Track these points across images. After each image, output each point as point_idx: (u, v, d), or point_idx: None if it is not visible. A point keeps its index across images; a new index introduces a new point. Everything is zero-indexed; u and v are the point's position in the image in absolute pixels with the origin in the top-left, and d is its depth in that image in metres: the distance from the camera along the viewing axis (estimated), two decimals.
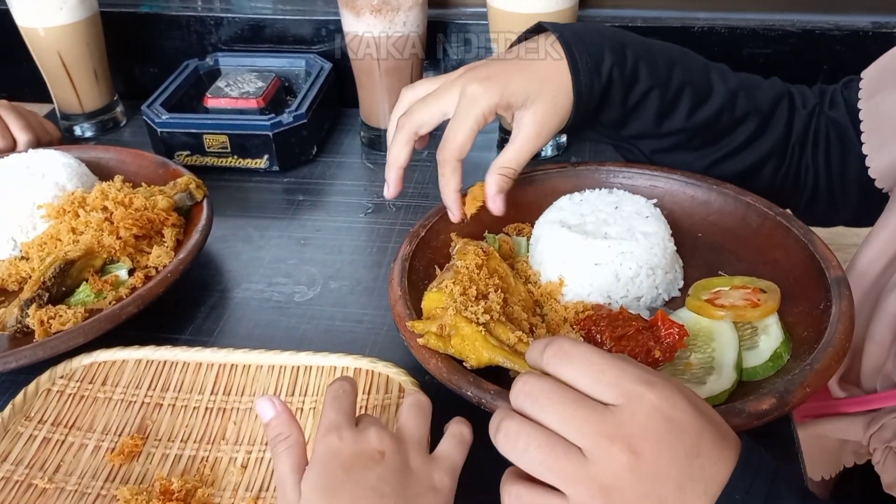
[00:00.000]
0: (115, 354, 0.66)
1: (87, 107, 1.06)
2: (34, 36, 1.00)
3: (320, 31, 1.09)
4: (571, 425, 0.42)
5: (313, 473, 0.48)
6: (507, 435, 0.44)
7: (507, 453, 0.44)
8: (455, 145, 0.69)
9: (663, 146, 0.77)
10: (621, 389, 0.43)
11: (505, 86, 0.68)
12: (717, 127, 0.76)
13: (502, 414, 0.45)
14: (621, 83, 0.71)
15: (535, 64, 0.70)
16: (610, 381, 0.43)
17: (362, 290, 0.79)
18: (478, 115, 0.68)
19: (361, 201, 0.93)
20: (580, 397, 0.43)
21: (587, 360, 0.44)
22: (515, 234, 0.78)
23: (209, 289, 0.79)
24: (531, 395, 0.44)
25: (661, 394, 0.42)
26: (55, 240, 0.76)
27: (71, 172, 0.83)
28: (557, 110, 0.69)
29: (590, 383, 0.44)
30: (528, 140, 0.69)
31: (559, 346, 0.45)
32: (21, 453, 0.59)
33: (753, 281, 0.68)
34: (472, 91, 0.68)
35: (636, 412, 0.42)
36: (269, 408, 0.52)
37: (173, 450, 0.60)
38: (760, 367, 0.61)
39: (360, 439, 0.49)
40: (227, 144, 0.95)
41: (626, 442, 0.41)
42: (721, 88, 0.75)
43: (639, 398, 0.42)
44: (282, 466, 0.49)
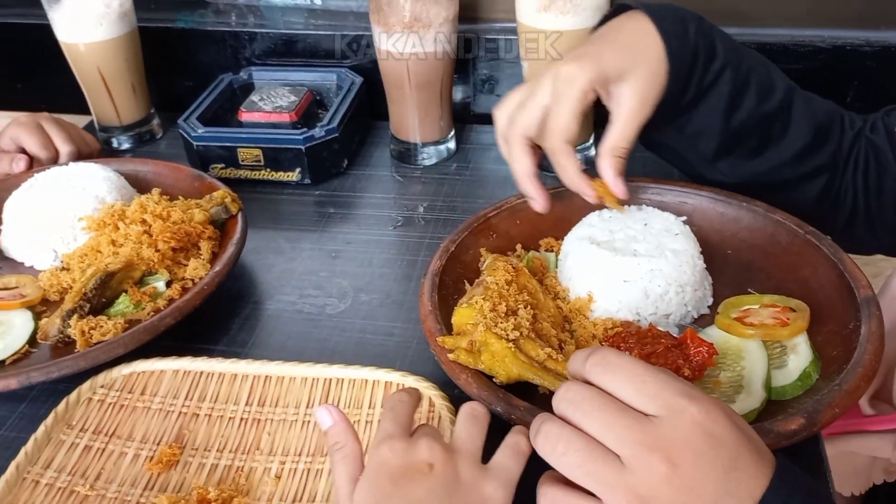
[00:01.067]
0: (154, 365, 0.68)
1: (125, 119, 1.09)
2: (74, 51, 1.03)
3: (352, 45, 1.11)
4: (612, 432, 0.43)
5: (364, 486, 0.48)
6: (547, 437, 0.45)
7: (545, 456, 0.45)
8: (559, 129, 0.68)
9: (727, 144, 0.75)
10: (663, 402, 0.43)
11: (599, 61, 0.67)
12: (778, 125, 0.74)
13: (543, 417, 0.46)
14: (704, 53, 0.69)
15: (625, 36, 0.69)
16: (652, 392, 0.44)
17: (392, 303, 0.80)
18: (577, 94, 0.66)
19: (391, 214, 0.94)
20: (622, 406, 0.44)
21: (630, 371, 0.45)
22: (544, 249, 0.79)
23: (243, 300, 0.81)
24: (573, 402, 0.45)
25: (703, 408, 0.43)
26: (95, 251, 0.78)
27: (110, 185, 0.85)
28: (654, 80, 0.68)
29: (632, 394, 0.44)
30: (633, 114, 0.68)
31: (602, 355, 0.46)
32: (63, 460, 0.61)
33: (783, 299, 0.68)
34: (567, 72, 0.67)
35: (677, 425, 0.43)
36: (327, 416, 0.52)
37: (210, 459, 0.61)
38: (789, 386, 0.61)
39: (411, 451, 0.48)
40: (261, 158, 0.97)
41: (665, 453, 0.42)
42: (781, 83, 0.74)
43: (680, 411, 0.43)
44: (338, 476, 0.49)
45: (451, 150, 1.05)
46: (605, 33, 0.71)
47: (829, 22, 1.00)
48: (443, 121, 1.02)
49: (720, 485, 0.42)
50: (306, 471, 0.60)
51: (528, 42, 0.92)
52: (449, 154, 1.04)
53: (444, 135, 1.03)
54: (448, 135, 1.04)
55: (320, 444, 0.62)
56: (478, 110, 1.13)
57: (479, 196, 0.96)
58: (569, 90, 0.67)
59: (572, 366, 0.48)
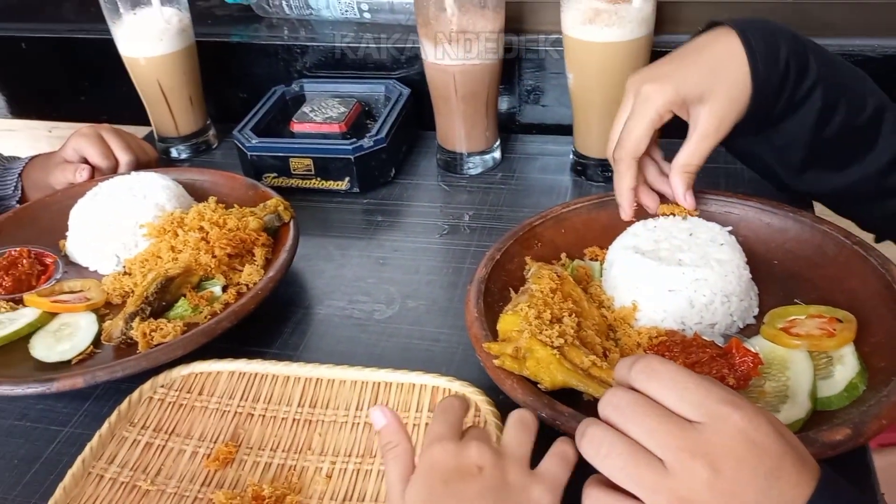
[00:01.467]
0: (211, 366, 0.71)
1: (183, 130, 1.13)
2: (135, 65, 1.07)
3: (399, 58, 1.14)
4: (655, 437, 0.44)
5: (415, 486, 0.49)
6: (591, 440, 0.46)
7: (590, 458, 0.46)
8: (629, 144, 0.71)
9: (815, 156, 0.75)
10: (706, 409, 0.44)
11: (679, 83, 0.69)
12: (866, 139, 0.74)
13: (589, 422, 0.47)
14: (795, 72, 0.70)
15: (708, 55, 0.70)
16: (696, 399, 0.45)
17: (438, 309, 0.82)
18: (652, 115, 0.70)
19: (437, 222, 0.96)
20: (665, 412, 0.45)
21: (674, 378, 0.46)
22: (589, 258, 0.80)
23: (295, 305, 0.83)
24: (618, 407, 0.46)
25: (746, 416, 0.44)
26: (156, 257, 0.81)
27: (170, 194, 0.89)
28: (734, 103, 0.69)
29: (676, 400, 0.45)
30: (706, 135, 0.70)
31: (647, 362, 0.47)
32: (126, 456, 0.64)
33: (829, 310, 0.68)
34: (646, 91, 0.70)
35: (720, 431, 0.43)
36: (381, 416, 0.54)
37: (264, 458, 0.64)
38: (835, 397, 0.61)
39: (461, 453, 0.49)
40: (311, 167, 1.00)
41: (707, 459, 0.43)
42: (872, 98, 0.73)
43: (724, 418, 0.44)
44: (390, 474, 0.51)
45: (497, 159, 1.06)
46: (691, 51, 0.72)
47: (879, 31, 1.00)
48: (488, 131, 1.03)
49: (762, 492, 0.42)
50: (356, 471, 0.62)
51: (574, 54, 0.93)
52: (494, 164, 1.06)
53: (489, 145, 1.05)
54: (493, 145, 1.06)
55: (369, 446, 0.64)
56: (523, 121, 1.15)
57: (524, 205, 0.97)
58: (644, 109, 0.70)
59: (618, 372, 0.49)
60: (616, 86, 0.92)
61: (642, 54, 0.91)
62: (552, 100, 1.11)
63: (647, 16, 0.88)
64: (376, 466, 0.62)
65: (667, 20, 1.04)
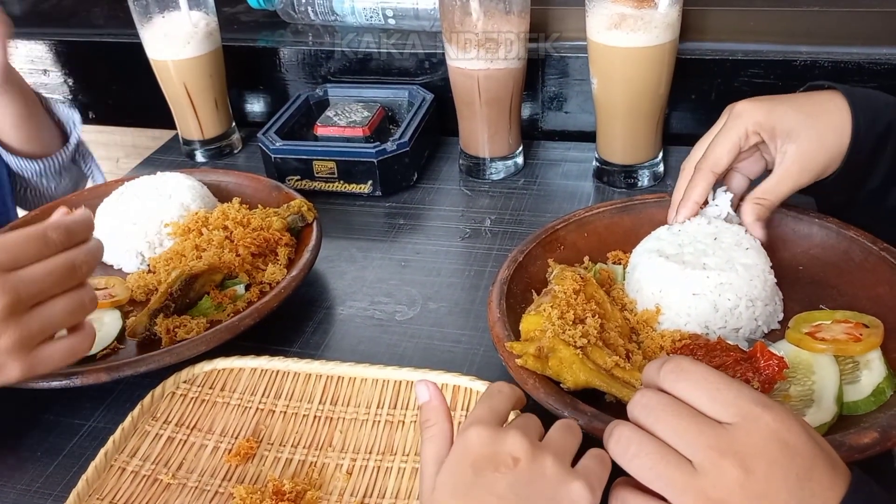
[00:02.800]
0: (233, 363, 0.71)
1: (207, 133, 1.14)
2: (163, 68, 1.09)
3: (423, 63, 1.14)
4: (684, 438, 0.44)
5: (446, 469, 0.47)
6: (619, 440, 0.46)
7: (618, 458, 0.46)
8: (713, 155, 0.73)
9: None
10: (737, 409, 0.44)
11: (772, 108, 0.70)
12: None
13: (617, 422, 0.47)
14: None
15: (809, 100, 0.72)
16: (727, 399, 0.44)
17: (460, 311, 0.82)
18: (740, 131, 0.71)
19: (459, 226, 0.96)
20: (695, 413, 0.44)
21: (704, 379, 0.45)
22: (612, 262, 0.80)
23: (317, 305, 0.84)
24: (647, 407, 0.46)
25: (778, 417, 0.43)
26: (180, 255, 0.82)
27: (195, 194, 0.89)
28: (824, 148, 0.70)
29: (706, 401, 0.45)
30: (790, 174, 0.71)
31: (677, 363, 0.47)
32: (148, 450, 0.64)
33: (856, 315, 0.68)
34: (739, 108, 0.72)
35: (751, 431, 0.43)
36: (425, 392, 0.52)
37: (284, 454, 0.64)
38: (862, 401, 0.60)
39: (498, 441, 0.47)
40: (335, 170, 1.01)
41: (738, 458, 0.42)
42: None
43: (755, 418, 0.43)
44: (425, 453, 0.50)
45: (519, 165, 1.06)
46: (794, 95, 0.74)
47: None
48: (511, 136, 1.04)
49: (794, 494, 0.42)
50: (376, 468, 0.62)
51: (598, 59, 0.93)
52: (517, 169, 1.06)
53: (512, 150, 1.05)
54: (516, 150, 1.06)
55: (390, 443, 0.63)
56: (546, 127, 1.15)
57: (546, 210, 0.97)
58: (734, 125, 0.72)
59: (647, 373, 0.49)
60: (640, 92, 0.93)
61: (667, 60, 0.91)
62: (575, 106, 1.11)
63: (672, 21, 0.88)
64: (396, 464, 0.62)
65: (692, 27, 1.04)
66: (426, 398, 0.52)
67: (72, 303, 0.59)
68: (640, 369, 0.64)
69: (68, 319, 0.60)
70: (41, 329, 0.58)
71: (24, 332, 0.56)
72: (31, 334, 0.57)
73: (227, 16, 1.27)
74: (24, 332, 0.56)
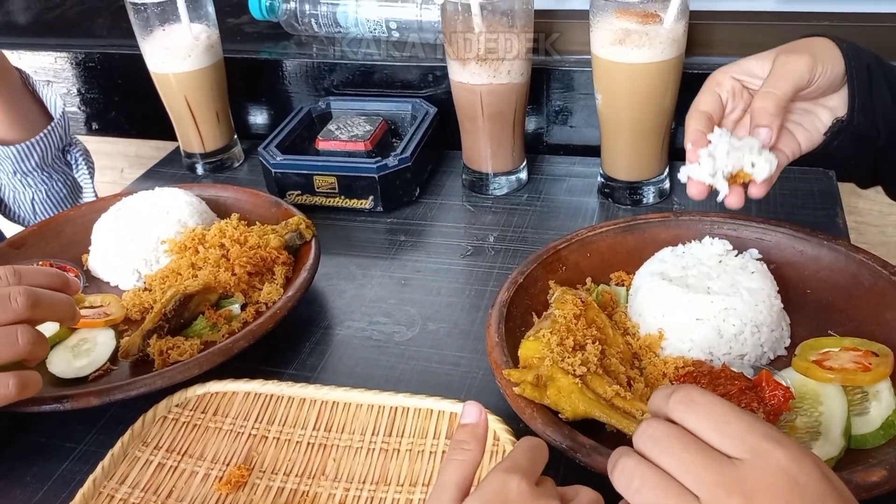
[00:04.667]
0: (227, 386, 0.70)
1: (209, 146, 1.13)
2: (164, 81, 1.08)
3: (427, 76, 1.13)
4: (690, 472, 0.42)
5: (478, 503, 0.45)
6: (623, 472, 0.44)
7: (621, 490, 0.44)
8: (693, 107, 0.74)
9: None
10: (748, 445, 0.42)
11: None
12: None
13: (622, 451, 0.45)
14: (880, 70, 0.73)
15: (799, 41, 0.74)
16: (737, 434, 0.42)
17: (459, 332, 0.80)
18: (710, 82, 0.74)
19: (461, 243, 0.95)
20: (703, 446, 0.43)
21: (714, 411, 0.44)
22: (615, 283, 0.78)
23: (314, 325, 0.82)
24: (653, 438, 0.44)
25: (789, 454, 0.41)
26: (176, 274, 0.81)
27: (192, 210, 0.88)
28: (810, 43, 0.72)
29: (715, 434, 0.43)
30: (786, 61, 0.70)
31: (686, 393, 0.45)
32: (138, 476, 0.63)
33: (865, 343, 0.66)
34: None
35: (760, 468, 0.41)
36: (474, 414, 0.51)
37: (276, 482, 0.62)
38: (871, 434, 0.59)
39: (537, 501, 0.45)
40: (336, 185, 0.99)
41: (745, 497, 0.40)
42: None
43: (765, 455, 0.41)
44: (449, 475, 0.48)
45: (523, 180, 1.05)
46: None
47: None
48: (515, 151, 1.02)
49: None
50: (370, 499, 0.60)
51: (603, 75, 0.92)
52: (520, 184, 1.05)
53: (515, 165, 1.04)
54: (520, 165, 1.04)
55: (384, 473, 0.62)
56: (550, 142, 1.13)
57: (549, 227, 0.96)
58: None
59: (654, 402, 0.47)
60: (645, 108, 0.91)
61: (672, 76, 0.89)
62: (580, 121, 1.10)
63: (678, 37, 0.86)
64: (391, 494, 0.60)
65: (698, 42, 1.03)
66: (473, 420, 0.51)
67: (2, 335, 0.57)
68: (642, 398, 0.63)
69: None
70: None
71: None
72: None
73: (230, 27, 1.26)
74: None
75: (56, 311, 0.63)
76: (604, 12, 0.87)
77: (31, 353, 0.61)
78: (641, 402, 0.61)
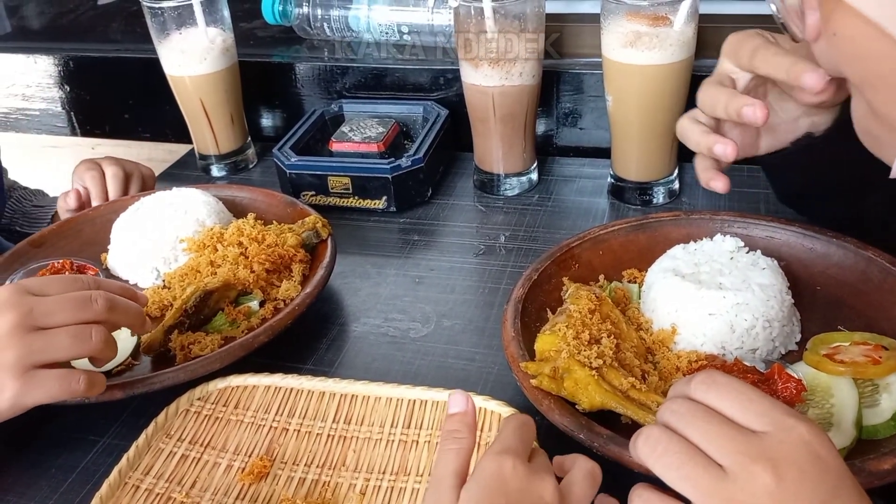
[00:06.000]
0: (247, 380, 0.71)
1: (223, 148, 1.14)
2: (180, 83, 1.09)
3: (438, 79, 1.15)
4: (715, 442, 0.43)
5: (476, 489, 0.46)
6: (647, 439, 0.45)
7: (644, 457, 0.45)
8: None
9: None
10: (770, 419, 0.43)
11: None
12: None
13: (647, 425, 0.47)
14: None
15: None
16: (759, 410, 0.43)
17: (474, 329, 0.81)
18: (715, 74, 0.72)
19: (473, 242, 0.96)
20: (726, 420, 0.44)
21: (737, 390, 0.45)
22: (627, 281, 0.80)
23: (330, 322, 0.84)
24: (677, 412, 0.45)
25: (812, 429, 0.42)
26: (195, 271, 0.82)
27: (210, 209, 0.90)
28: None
29: (738, 411, 0.44)
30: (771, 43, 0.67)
31: (708, 373, 0.46)
32: (162, 468, 0.64)
33: (875, 337, 0.67)
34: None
35: (784, 440, 0.42)
36: (461, 402, 0.51)
37: (298, 473, 0.64)
38: (882, 425, 0.60)
39: (533, 481, 0.46)
40: (349, 186, 1.01)
41: (771, 464, 0.41)
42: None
43: (789, 428, 0.42)
44: (444, 465, 0.48)
45: (534, 181, 1.06)
46: None
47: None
48: (526, 152, 1.04)
49: None
50: (390, 488, 0.61)
51: (613, 76, 0.93)
52: (531, 185, 1.06)
53: (527, 166, 1.05)
54: (531, 166, 1.06)
55: (403, 464, 0.63)
56: (561, 143, 1.14)
57: (560, 227, 0.97)
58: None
59: (676, 387, 0.48)
60: (655, 110, 0.92)
61: (683, 78, 0.91)
62: (590, 123, 1.11)
63: (688, 39, 0.88)
64: (410, 484, 0.61)
65: (708, 44, 1.04)
66: (462, 409, 0.51)
67: (78, 331, 0.61)
68: (657, 390, 0.64)
69: (71, 346, 0.61)
70: (42, 349, 0.60)
71: (24, 349, 0.59)
72: (31, 352, 0.59)
73: (243, 31, 1.28)
74: (24, 349, 0.59)
75: (129, 317, 0.67)
76: (614, 15, 0.88)
77: (101, 352, 0.64)
78: (657, 395, 0.62)
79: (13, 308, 0.59)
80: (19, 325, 0.59)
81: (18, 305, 0.59)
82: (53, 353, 0.61)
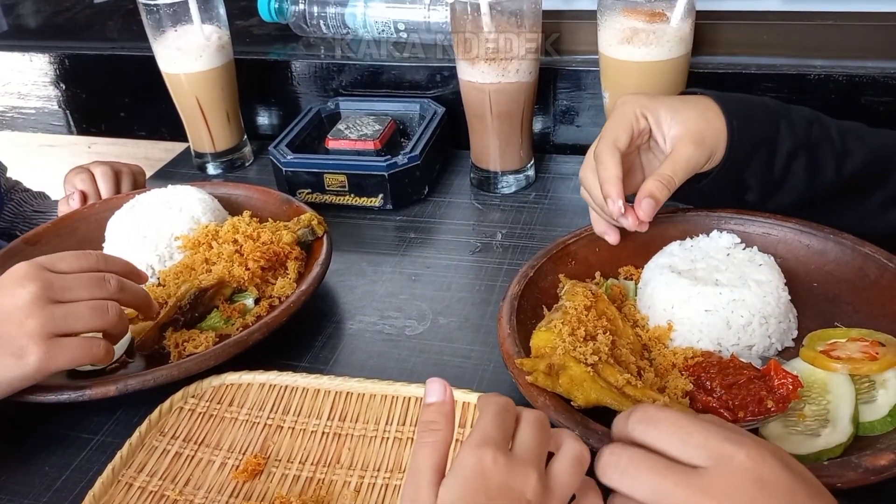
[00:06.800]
0: (242, 378, 0.71)
1: (219, 146, 1.14)
2: (176, 81, 1.09)
3: (435, 76, 1.14)
4: (660, 494, 0.43)
5: (455, 486, 0.43)
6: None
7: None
8: (610, 134, 0.73)
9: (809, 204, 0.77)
10: (709, 451, 0.43)
11: (654, 97, 0.74)
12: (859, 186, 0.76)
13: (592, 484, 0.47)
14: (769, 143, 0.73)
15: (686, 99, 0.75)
16: (698, 443, 0.44)
17: (470, 326, 0.81)
18: (628, 112, 0.73)
19: (470, 240, 0.96)
20: (668, 464, 0.44)
21: (673, 424, 0.45)
22: (623, 277, 0.79)
23: (326, 319, 0.83)
24: (619, 467, 0.45)
25: (750, 454, 0.43)
26: (190, 269, 0.82)
27: (205, 207, 0.90)
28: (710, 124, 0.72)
29: (678, 447, 0.44)
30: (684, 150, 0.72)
31: (643, 411, 0.46)
32: (155, 466, 0.64)
33: (871, 333, 0.66)
34: (623, 98, 0.75)
35: (724, 473, 0.42)
36: (439, 391, 0.49)
37: (292, 470, 0.63)
38: (878, 421, 0.59)
39: (516, 473, 0.44)
40: (346, 183, 1.00)
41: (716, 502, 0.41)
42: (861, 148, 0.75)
43: (727, 459, 0.43)
44: (422, 459, 0.45)
45: (531, 178, 1.06)
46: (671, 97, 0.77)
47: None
48: (523, 150, 1.03)
49: None
50: (384, 486, 0.61)
51: (610, 73, 0.93)
52: (528, 183, 1.06)
53: (523, 164, 1.05)
54: (528, 164, 1.05)
55: (398, 461, 0.63)
56: (557, 141, 1.14)
57: (557, 224, 0.97)
58: (621, 109, 0.74)
59: (615, 429, 0.49)
60: None
61: (679, 74, 0.91)
62: (587, 120, 1.11)
63: (684, 35, 0.88)
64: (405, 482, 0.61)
65: (705, 41, 1.04)
66: (439, 398, 0.48)
67: (96, 305, 0.67)
68: (653, 387, 0.63)
69: (90, 318, 0.67)
70: (63, 318, 0.65)
71: (47, 318, 0.64)
72: (53, 321, 0.64)
73: (239, 29, 1.28)
74: (47, 318, 0.64)
75: (137, 298, 0.73)
76: (611, 11, 0.88)
77: (115, 326, 0.70)
78: (652, 391, 0.61)
79: (34, 280, 0.65)
80: (41, 297, 0.64)
81: (39, 279, 0.65)
82: (73, 322, 0.66)
